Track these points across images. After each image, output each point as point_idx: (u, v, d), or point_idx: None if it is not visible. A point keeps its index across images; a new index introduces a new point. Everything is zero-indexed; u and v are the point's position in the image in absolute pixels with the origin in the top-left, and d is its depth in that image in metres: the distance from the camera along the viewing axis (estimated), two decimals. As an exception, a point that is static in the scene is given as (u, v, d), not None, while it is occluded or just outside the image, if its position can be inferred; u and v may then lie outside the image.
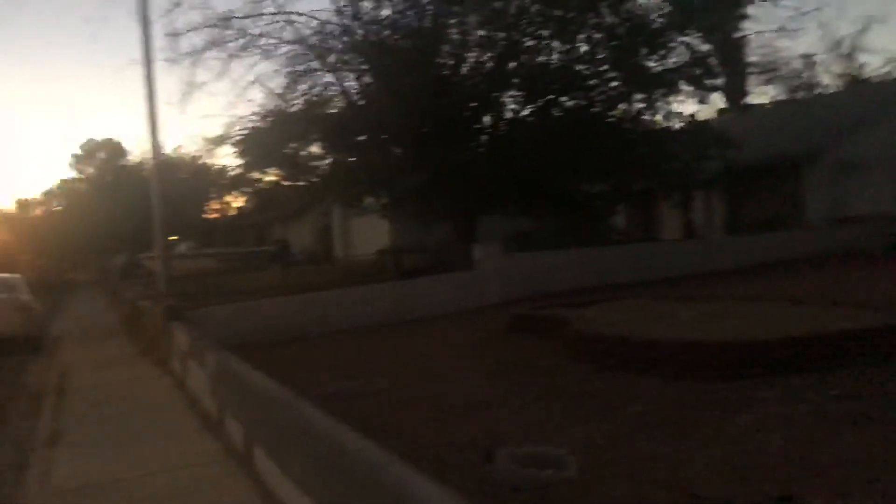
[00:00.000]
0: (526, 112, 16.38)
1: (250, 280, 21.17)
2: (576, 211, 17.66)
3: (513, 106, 16.47)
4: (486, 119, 16.57)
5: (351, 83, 16.74)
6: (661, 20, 14.88)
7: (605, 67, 15.53)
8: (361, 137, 17.13)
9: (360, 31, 15.96)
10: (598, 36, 15.11)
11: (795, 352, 6.23)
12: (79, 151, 54.34)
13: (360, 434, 3.57)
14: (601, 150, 16.03)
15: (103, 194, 45.22)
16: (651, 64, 15.26)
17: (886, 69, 34.46)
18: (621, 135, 16.33)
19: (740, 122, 18.85)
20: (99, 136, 60.12)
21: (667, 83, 15.45)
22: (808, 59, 29.56)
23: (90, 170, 53.33)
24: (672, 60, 15.62)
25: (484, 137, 16.52)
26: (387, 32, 15.82)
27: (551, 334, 8.89)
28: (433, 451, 5.26)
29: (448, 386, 7.44)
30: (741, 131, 19.93)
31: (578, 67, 15.61)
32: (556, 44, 15.44)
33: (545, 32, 15.14)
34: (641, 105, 16.20)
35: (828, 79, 33.94)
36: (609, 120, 16.63)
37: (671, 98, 16.23)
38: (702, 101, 17.14)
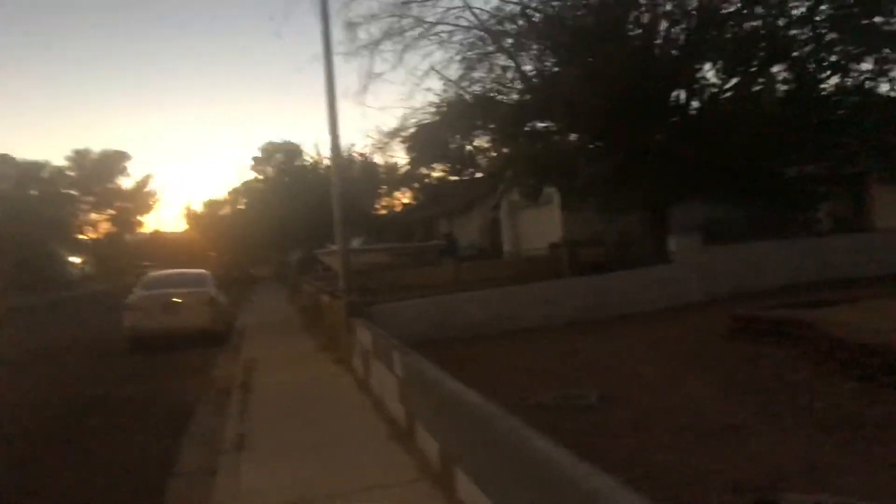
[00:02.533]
0: (729, 86, 14.51)
1: (423, 275, 20.79)
2: (780, 197, 15.52)
3: (714, 80, 14.67)
4: (683, 96, 14.89)
5: (529, 66, 15.71)
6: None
7: (825, 30, 13.36)
8: (542, 124, 16.06)
9: (539, 10, 14.89)
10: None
11: None
12: (258, 154, 57.37)
13: (591, 465, 2.58)
14: (817, 128, 13.89)
15: (281, 193, 47.32)
16: (879, 21, 12.92)
17: None
18: (841, 108, 14.03)
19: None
20: (278, 138, 63.32)
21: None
22: None
23: (269, 170, 56.16)
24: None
25: (680, 116, 14.85)
26: (569, 8, 14.60)
27: (792, 341, 7.39)
28: (686, 492, 4.13)
29: (675, 401, 6.23)
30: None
31: (792, 32, 13.56)
32: (761, 8, 13.48)
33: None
34: (868, 73, 13.81)
35: None
36: (824, 93, 14.38)
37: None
38: None
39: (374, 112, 47.51)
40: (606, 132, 14.14)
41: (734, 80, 14.57)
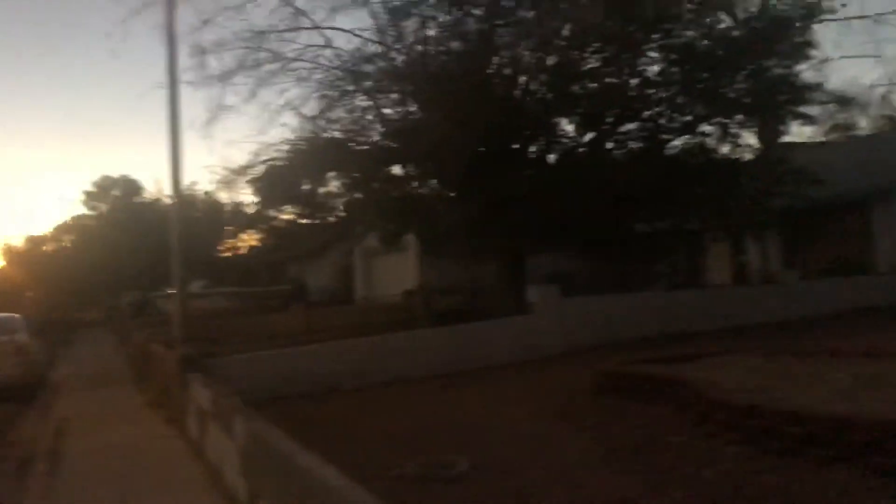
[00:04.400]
0: (587, 139, 14.79)
1: (270, 322, 19.50)
2: (631, 251, 15.97)
3: (572, 134, 14.90)
4: (544, 147, 15.00)
5: (390, 109, 15.28)
6: (739, 43, 13.35)
7: (674, 91, 13.96)
8: (402, 169, 15.60)
9: (402, 55, 14.54)
10: (672, 56, 13.58)
11: None
12: (91, 188, 53.10)
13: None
14: (667, 185, 14.39)
15: (115, 231, 43.95)
16: (725, 89, 13.68)
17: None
18: (688, 168, 14.67)
19: (797, 158, 17.22)
20: (115, 172, 58.82)
21: (751, 109, 13.86)
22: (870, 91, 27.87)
23: (103, 206, 52.10)
24: (741, 87, 14.06)
25: (540, 168, 14.91)
26: (431, 54, 14.36)
27: (663, 399, 7.14)
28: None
29: (554, 469, 5.69)
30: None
31: (648, 91, 14.05)
32: (619, 66, 13.89)
33: (609, 52, 13.62)
34: (712, 135, 14.60)
35: (864, 121, 32.17)
36: (672, 152, 15.03)
37: (748, 126, 14.65)
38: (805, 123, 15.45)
39: (223, 147, 45.41)
40: (467, 180, 13.88)
41: (590, 136, 14.88)
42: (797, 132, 25.37)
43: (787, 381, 6.80)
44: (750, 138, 16.06)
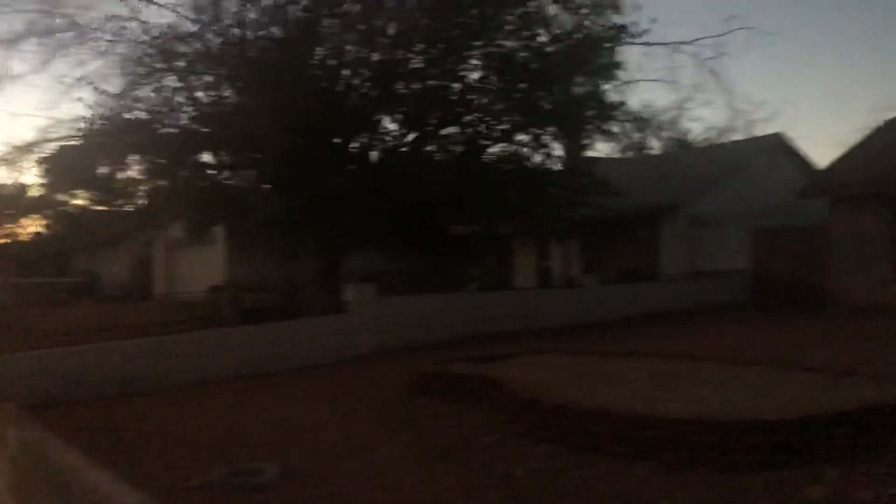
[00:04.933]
0: (409, 139, 14.82)
1: (55, 318, 17.59)
2: (447, 252, 16.25)
3: (394, 132, 14.85)
4: (366, 144, 14.81)
5: (203, 93, 14.33)
6: (553, 58, 14.02)
7: (493, 99, 14.38)
8: (212, 156, 14.70)
9: (219, 36, 13.70)
10: (493, 64, 13.96)
11: (817, 433, 5.02)
12: None
13: None
14: (480, 191, 14.77)
15: None
16: (540, 101, 14.31)
17: (707, 136, 36.88)
18: (503, 174, 15.18)
19: (598, 171, 18.58)
20: None
21: (563, 121, 14.58)
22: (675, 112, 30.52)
23: None
24: (554, 100, 14.80)
25: (361, 164, 14.70)
26: (251, 41, 13.67)
27: (476, 399, 7.22)
28: None
29: (368, 472, 5.51)
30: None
31: (469, 97, 14.35)
32: (442, 69, 14.05)
33: (433, 54, 13.74)
34: (526, 144, 15.22)
35: (656, 141, 35.38)
36: (488, 158, 15.49)
37: (558, 138, 15.45)
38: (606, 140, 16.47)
39: (5, 119, 40.37)
40: (285, 172, 13.37)
41: (412, 136, 14.92)
42: (600, 147, 27.25)
43: (591, 381, 7.13)
44: (558, 149, 16.99)
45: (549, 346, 10.70)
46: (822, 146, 66.58)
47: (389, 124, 14.92)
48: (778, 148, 23.82)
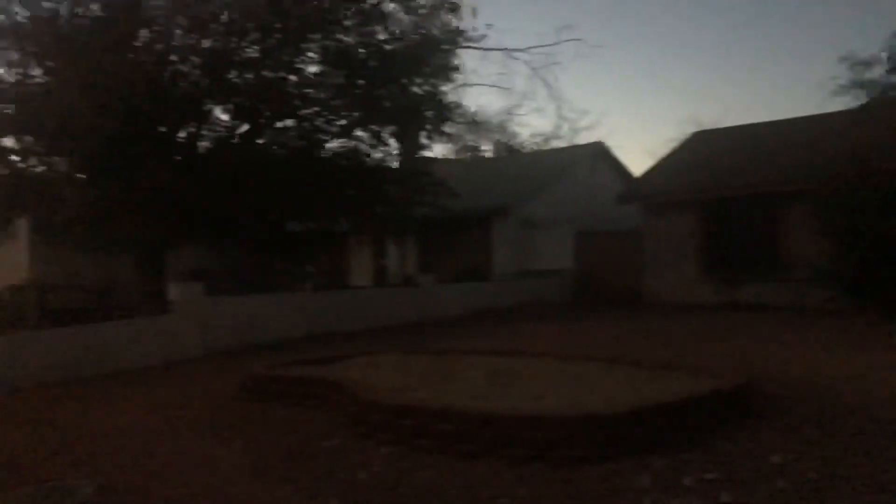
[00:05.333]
0: (242, 131, 14.12)
1: None
2: (281, 250, 15.74)
3: (226, 123, 14.10)
4: (195, 134, 13.92)
5: (5, 70, 12.84)
6: (392, 56, 13.98)
7: (332, 94, 14.08)
8: (14, 141, 13.21)
9: (26, 9, 12.35)
10: (331, 59, 13.64)
11: (645, 425, 5.32)
12: None
13: None
14: (317, 187, 14.43)
15: None
16: (379, 98, 14.20)
17: (535, 142, 38.74)
18: (341, 171, 14.93)
19: (436, 171, 18.87)
20: None
21: (402, 120, 14.55)
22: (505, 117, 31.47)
23: None
24: (393, 98, 14.78)
25: (189, 155, 13.81)
26: (65, 16, 12.44)
27: (315, 402, 6.99)
28: None
29: (197, 485, 5.13)
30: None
31: (306, 90, 13.94)
32: (278, 60, 13.54)
33: (268, 44, 13.21)
34: (365, 141, 15.05)
35: (487, 145, 36.61)
36: (326, 154, 15.16)
37: (396, 136, 15.42)
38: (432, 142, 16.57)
39: None
40: (102, 161, 12.28)
41: (245, 128, 14.29)
42: (437, 148, 27.77)
43: (432, 380, 7.15)
44: (397, 148, 17.03)
45: (387, 346, 10.65)
46: (636, 155, 71.99)
47: (221, 114, 14.20)
48: (599, 155, 25.40)
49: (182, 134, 13.90)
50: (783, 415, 6.07)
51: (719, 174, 18.29)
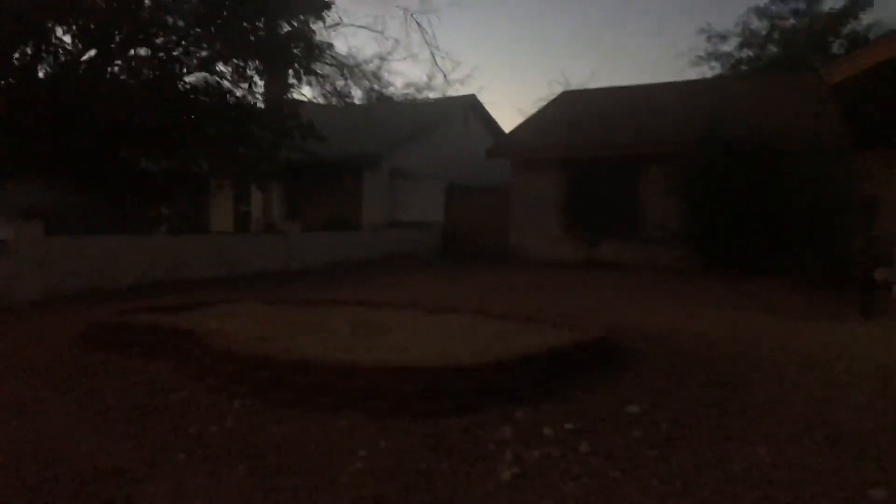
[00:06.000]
0: (89, 56, 12.79)
1: None
2: (133, 190, 14.59)
3: (70, 47, 12.70)
4: (30, 56, 12.45)
5: None
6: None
7: (192, 22, 13.01)
8: None
9: None
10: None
11: (509, 376, 5.32)
12: None
13: None
14: (174, 123, 13.43)
15: None
16: (247, 31, 13.28)
17: (408, 91, 38.32)
18: (201, 106, 13.93)
19: (304, 115, 18.09)
20: None
21: (268, 56, 13.67)
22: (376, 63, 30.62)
23: None
24: (260, 32, 13.89)
25: (27, 80, 12.36)
26: None
27: (164, 353, 6.50)
28: None
29: (30, 443, 4.61)
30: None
31: (163, 16, 12.78)
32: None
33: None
34: (228, 76, 14.09)
35: (358, 92, 35.77)
36: (185, 87, 14.09)
37: (263, 74, 14.53)
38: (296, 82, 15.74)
39: None
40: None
41: (92, 53, 12.99)
42: (306, 91, 26.72)
43: (292, 330, 6.84)
44: (262, 87, 16.13)
45: (247, 295, 10.19)
46: (507, 112, 73.09)
47: (64, 36, 12.80)
48: (472, 109, 25.44)
49: (16, 55, 12.44)
50: (640, 367, 6.28)
51: (584, 134, 18.78)
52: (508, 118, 56.88)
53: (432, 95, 34.52)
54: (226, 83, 14.41)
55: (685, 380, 5.93)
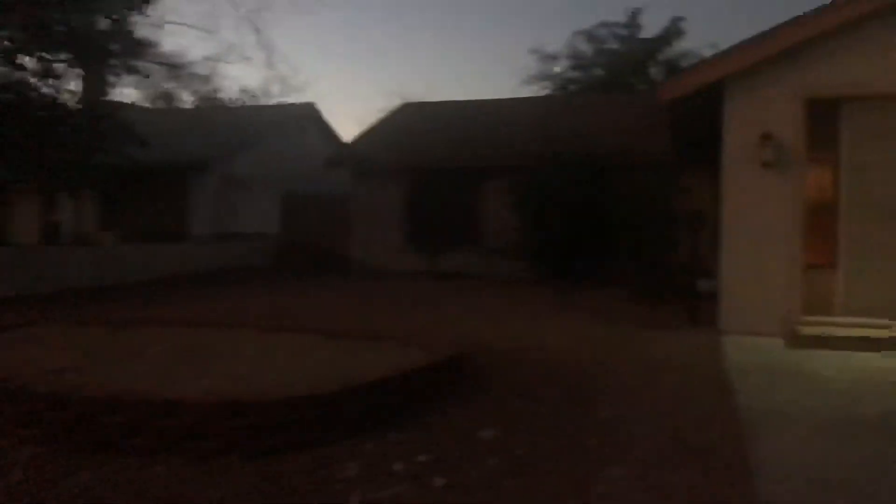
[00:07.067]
0: None
1: None
2: None
3: None
4: None
5: None
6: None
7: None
8: None
9: None
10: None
11: (356, 404, 4.85)
12: None
13: None
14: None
15: None
16: (55, 21, 11.81)
17: (243, 96, 36.68)
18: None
19: (123, 117, 16.48)
20: None
21: (80, 50, 12.22)
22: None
23: None
24: (72, 24, 12.46)
25: None
26: None
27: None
28: None
29: None
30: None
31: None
32: None
33: None
34: (33, 71, 12.46)
35: (188, 95, 33.70)
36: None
37: (74, 71, 13.03)
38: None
39: None
40: None
41: None
42: (126, 92, 24.64)
43: (103, 358, 5.96)
44: (75, 85, 14.52)
45: (52, 315, 8.97)
46: (345, 122, 72.35)
47: None
48: (310, 117, 24.65)
49: None
50: (491, 386, 6.04)
51: (426, 146, 18.66)
52: (347, 128, 56.23)
53: (268, 102, 33.26)
54: (29, 78, 12.76)
55: (537, 398, 5.75)
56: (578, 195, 14.22)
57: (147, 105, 28.74)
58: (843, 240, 8.59)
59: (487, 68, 69.24)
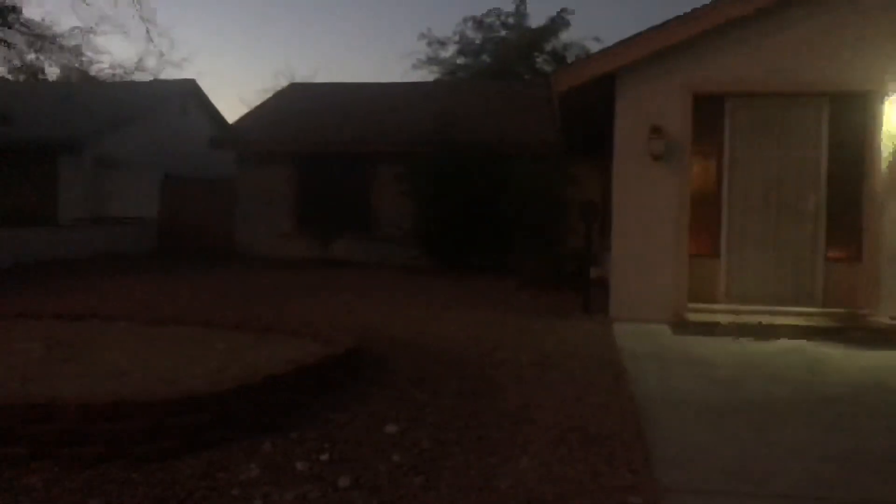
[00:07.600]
0: None
1: None
2: None
3: None
4: None
5: None
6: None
7: None
8: None
9: None
10: None
11: (252, 402, 4.59)
12: None
13: None
14: None
15: None
16: None
17: (118, 71, 34.50)
18: None
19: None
20: None
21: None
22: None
23: None
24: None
25: None
26: None
27: None
28: None
29: None
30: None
31: None
32: None
33: None
34: None
35: (55, 68, 31.32)
36: None
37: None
38: None
39: None
40: None
41: None
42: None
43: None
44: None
45: None
46: (229, 102, 69.71)
47: None
48: (191, 95, 23.51)
49: None
50: (392, 378, 5.90)
51: (314, 129, 18.19)
52: (231, 108, 54.14)
53: (146, 77, 31.43)
54: None
55: (439, 389, 5.66)
56: (471, 183, 14.26)
57: (8, 77, 26.53)
58: (724, 230, 9.02)
59: (377, 51, 68.64)
